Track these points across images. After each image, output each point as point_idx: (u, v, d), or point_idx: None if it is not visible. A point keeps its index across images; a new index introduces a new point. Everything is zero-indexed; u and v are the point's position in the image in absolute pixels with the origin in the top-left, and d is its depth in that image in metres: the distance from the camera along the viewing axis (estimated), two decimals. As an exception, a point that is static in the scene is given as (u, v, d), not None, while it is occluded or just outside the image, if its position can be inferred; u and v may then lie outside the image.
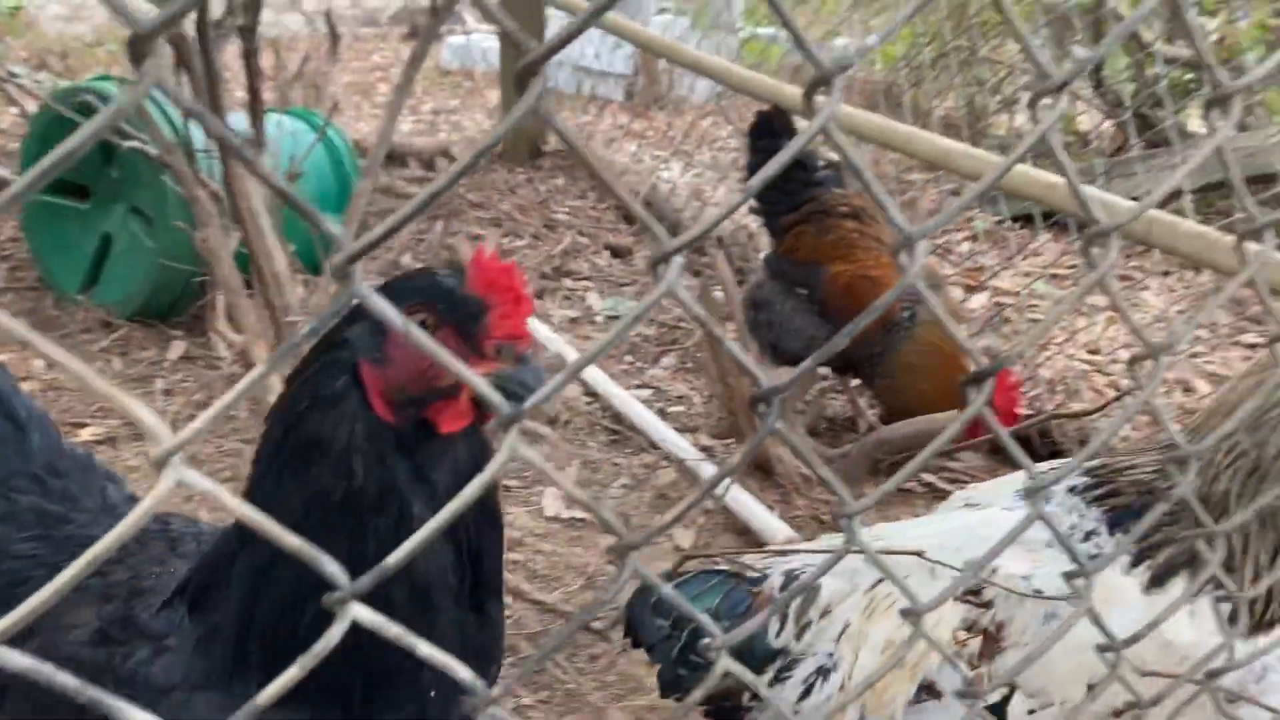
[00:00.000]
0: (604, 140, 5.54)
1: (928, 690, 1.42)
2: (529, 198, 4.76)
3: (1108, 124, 5.03)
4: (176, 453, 0.46)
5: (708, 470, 2.66)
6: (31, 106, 3.40)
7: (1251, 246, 0.81)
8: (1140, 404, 0.81)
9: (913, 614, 0.77)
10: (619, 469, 2.76)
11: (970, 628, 1.42)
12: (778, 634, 1.56)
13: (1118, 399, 3.02)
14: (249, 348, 2.74)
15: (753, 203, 3.17)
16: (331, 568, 0.51)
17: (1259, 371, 1.34)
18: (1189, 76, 4.74)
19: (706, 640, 0.71)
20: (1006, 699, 1.35)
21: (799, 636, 1.56)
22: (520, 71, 0.50)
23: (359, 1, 6.95)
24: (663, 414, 3.17)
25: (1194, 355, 3.54)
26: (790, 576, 1.61)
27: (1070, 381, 3.23)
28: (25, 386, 2.90)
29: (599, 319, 3.83)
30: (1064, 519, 1.41)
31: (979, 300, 4.13)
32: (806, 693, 1.52)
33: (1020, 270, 4.40)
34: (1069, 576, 0.85)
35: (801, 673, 1.54)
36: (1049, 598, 1.35)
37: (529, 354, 1.04)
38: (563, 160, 5.27)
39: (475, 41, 7.68)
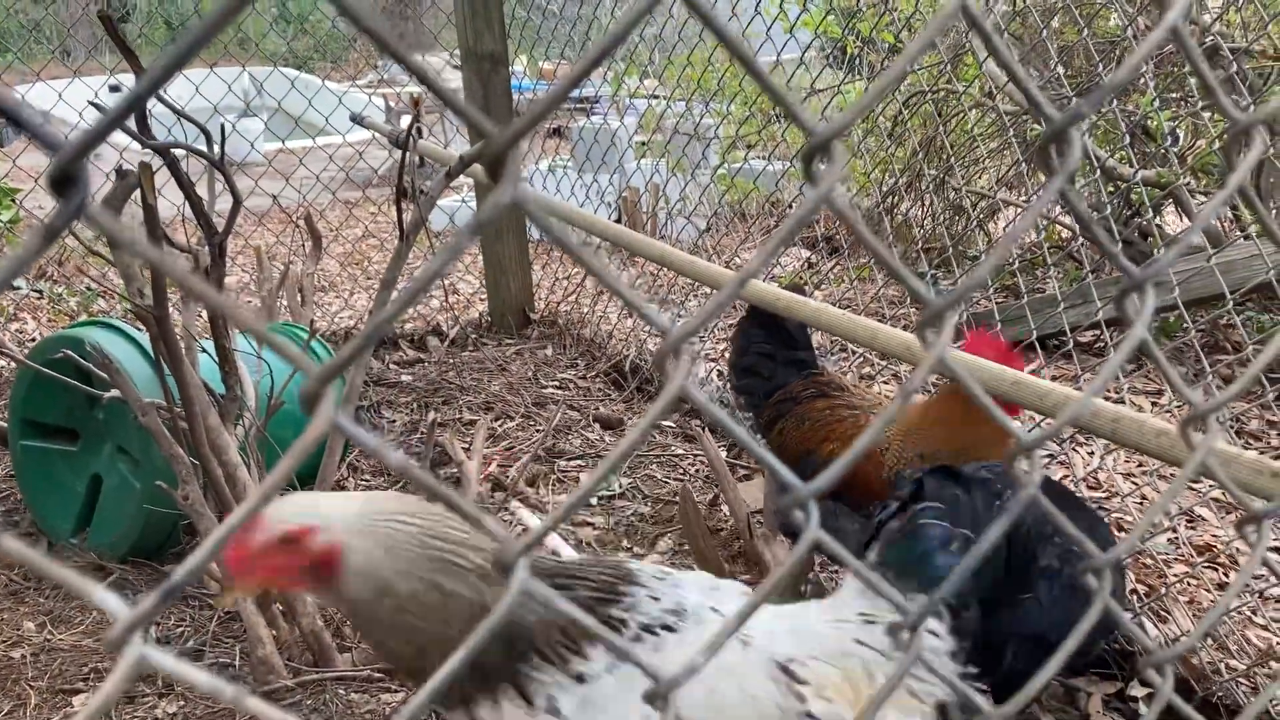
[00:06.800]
0: (592, 297, 5.59)
1: None
2: (519, 373, 4.79)
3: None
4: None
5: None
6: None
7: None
8: None
9: None
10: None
11: None
12: None
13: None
14: (239, 602, 2.73)
15: (734, 395, 3.21)
16: None
17: None
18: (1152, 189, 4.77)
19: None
20: None
21: None
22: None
23: (348, 166, 7.13)
24: (662, 609, 3.11)
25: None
26: None
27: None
28: (15, 652, 2.91)
29: (594, 501, 3.80)
30: None
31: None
32: None
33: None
34: (892, 630, 0.84)
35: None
36: None
37: None
38: (548, 329, 5.33)
39: (468, 201, 7.83)
